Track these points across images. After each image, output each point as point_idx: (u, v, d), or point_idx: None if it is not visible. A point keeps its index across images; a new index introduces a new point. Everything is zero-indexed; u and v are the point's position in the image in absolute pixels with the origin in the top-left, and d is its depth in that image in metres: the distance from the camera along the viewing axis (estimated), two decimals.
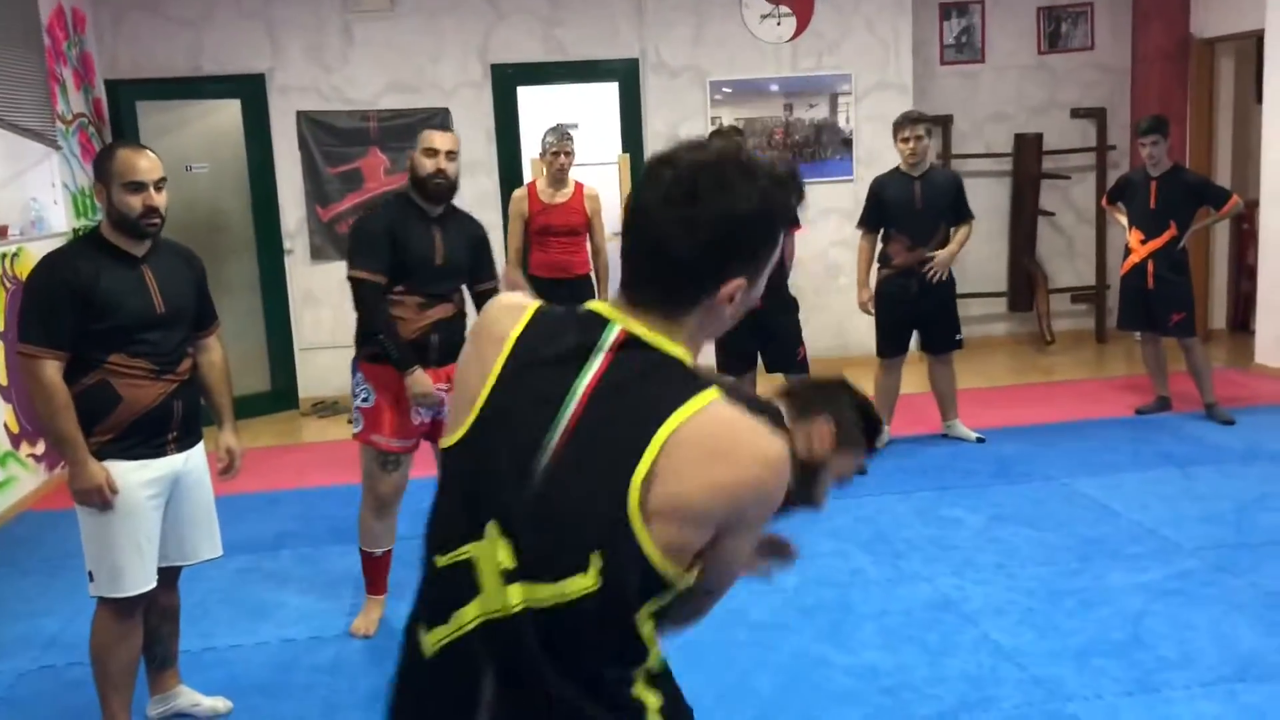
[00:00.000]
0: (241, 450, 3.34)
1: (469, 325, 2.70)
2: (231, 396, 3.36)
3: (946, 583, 4.07)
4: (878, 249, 5.74)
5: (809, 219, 7.71)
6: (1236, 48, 8.07)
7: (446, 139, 3.76)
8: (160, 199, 2.98)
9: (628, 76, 7.65)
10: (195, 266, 3.23)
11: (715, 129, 5.40)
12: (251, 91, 7.22)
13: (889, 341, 5.78)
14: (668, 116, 7.60)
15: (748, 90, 7.74)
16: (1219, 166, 8.15)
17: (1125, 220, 6.28)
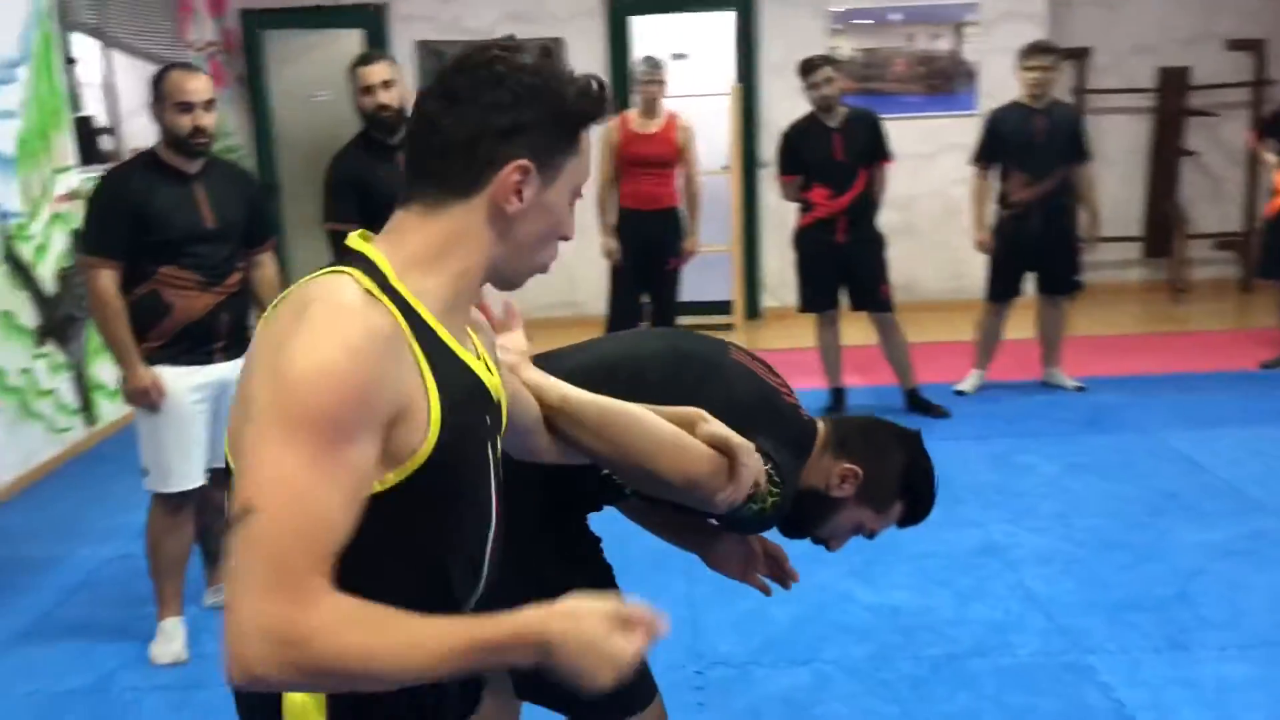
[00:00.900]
0: None
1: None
2: None
3: (999, 529, 3.96)
4: (996, 188, 5.51)
5: (928, 154, 7.48)
6: None
7: (381, 70, 3.76)
8: (209, 119, 3.14)
9: (745, 4, 7.52)
10: (250, 185, 3.39)
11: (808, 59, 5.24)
12: (374, 21, 7.42)
13: (1001, 283, 5.54)
14: (783, 47, 7.44)
15: (868, 19, 7.51)
16: None
17: (1273, 158, 5.87)
